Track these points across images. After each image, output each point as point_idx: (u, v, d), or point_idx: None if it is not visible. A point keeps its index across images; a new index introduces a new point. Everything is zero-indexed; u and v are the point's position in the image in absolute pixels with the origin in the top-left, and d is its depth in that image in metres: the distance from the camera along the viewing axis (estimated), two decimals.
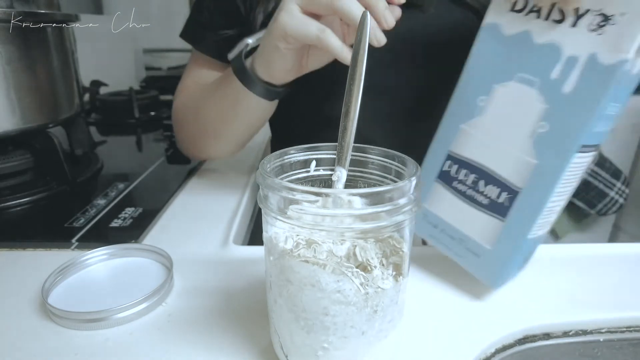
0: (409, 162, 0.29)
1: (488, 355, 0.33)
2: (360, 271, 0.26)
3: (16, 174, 0.60)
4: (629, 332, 0.36)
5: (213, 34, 0.57)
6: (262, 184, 0.27)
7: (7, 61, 0.54)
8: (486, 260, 0.35)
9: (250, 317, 0.35)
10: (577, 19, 0.30)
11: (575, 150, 0.31)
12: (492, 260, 0.35)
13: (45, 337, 0.33)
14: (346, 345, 0.27)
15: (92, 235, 0.48)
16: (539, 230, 0.34)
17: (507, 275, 0.37)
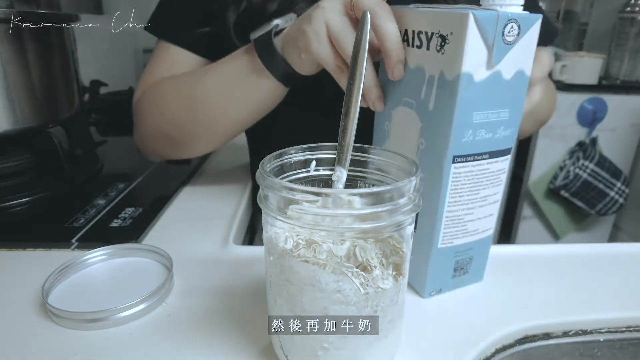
0: (409, 162, 0.29)
1: (488, 355, 0.33)
2: (360, 271, 0.26)
3: (16, 174, 0.60)
4: (629, 332, 0.36)
5: (187, 28, 0.56)
6: (262, 184, 0.27)
7: (7, 61, 0.54)
8: (414, 270, 0.36)
9: (250, 316, 0.35)
10: (428, 42, 0.33)
11: (449, 161, 0.33)
12: (417, 270, 0.38)
13: (45, 337, 0.33)
14: (346, 345, 0.27)
15: (92, 235, 0.48)
16: (453, 239, 0.36)
17: (435, 283, 0.38)
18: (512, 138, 0.35)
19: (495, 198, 0.36)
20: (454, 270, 0.38)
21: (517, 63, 0.32)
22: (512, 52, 0.31)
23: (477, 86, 0.31)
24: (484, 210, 0.36)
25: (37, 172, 0.62)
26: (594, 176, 1.53)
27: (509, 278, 0.41)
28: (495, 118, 0.33)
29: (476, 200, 0.36)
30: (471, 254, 0.38)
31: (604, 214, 1.61)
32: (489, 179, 0.35)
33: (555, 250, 0.46)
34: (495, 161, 0.35)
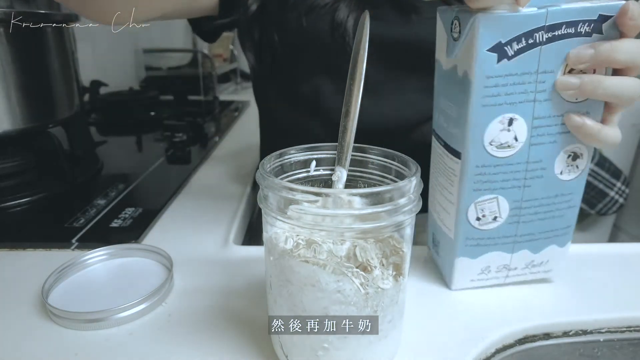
0: (409, 162, 0.29)
1: (488, 355, 0.33)
2: (360, 271, 0.26)
3: (16, 174, 0.60)
4: (629, 332, 0.36)
5: None
6: (262, 184, 0.27)
7: (7, 61, 0.54)
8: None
9: (251, 316, 0.35)
10: None
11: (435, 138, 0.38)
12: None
13: (45, 337, 0.33)
14: (346, 345, 0.27)
15: (92, 236, 0.48)
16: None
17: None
18: (460, 142, 0.33)
19: (453, 198, 0.36)
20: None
21: (463, 63, 0.32)
22: (460, 50, 0.32)
23: (443, 74, 0.35)
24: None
25: (37, 172, 0.62)
26: (594, 176, 1.53)
27: None
28: (449, 111, 0.35)
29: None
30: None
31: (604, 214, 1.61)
32: (444, 171, 0.36)
33: None
34: (448, 156, 0.35)
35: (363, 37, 0.30)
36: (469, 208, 0.35)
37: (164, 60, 1.48)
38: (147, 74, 1.42)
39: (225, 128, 0.98)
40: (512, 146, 0.33)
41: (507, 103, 0.32)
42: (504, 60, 0.30)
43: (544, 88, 0.31)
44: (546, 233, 0.37)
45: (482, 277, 0.38)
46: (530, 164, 0.34)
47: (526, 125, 0.32)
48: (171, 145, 0.79)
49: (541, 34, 0.30)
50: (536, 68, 0.31)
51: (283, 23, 0.52)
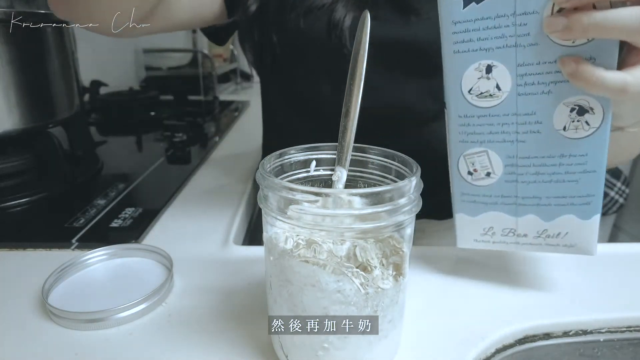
0: (410, 162, 0.29)
1: (488, 355, 0.33)
2: (360, 271, 0.26)
3: (16, 174, 0.60)
4: (629, 332, 0.36)
5: None
6: (262, 184, 0.27)
7: (7, 61, 0.54)
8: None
9: (250, 317, 0.35)
10: None
11: None
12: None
13: (45, 337, 0.33)
14: (346, 345, 0.27)
15: (92, 236, 0.48)
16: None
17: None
18: (444, 91, 0.33)
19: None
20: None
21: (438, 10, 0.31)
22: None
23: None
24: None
25: (37, 172, 0.62)
26: None
27: (509, 278, 0.41)
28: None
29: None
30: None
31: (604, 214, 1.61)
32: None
33: None
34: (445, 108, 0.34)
35: (363, 37, 0.30)
36: (459, 161, 0.34)
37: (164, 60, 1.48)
38: (147, 74, 1.42)
39: (225, 128, 0.98)
40: (494, 95, 0.31)
41: (482, 49, 0.30)
42: (471, 3, 0.28)
43: (526, 31, 0.28)
44: (557, 199, 0.33)
45: (487, 238, 0.36)
46: (521, 117, 0.31)
47: (509, 72, 0.30)
48: (171, 145, 0.79)
49: None
50: (513, 10, 0.28)
51: (282, 24, 0.52)
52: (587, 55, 0.28)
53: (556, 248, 0.36)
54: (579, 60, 0.27)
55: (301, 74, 0.55)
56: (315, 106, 0.55)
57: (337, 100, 0.54)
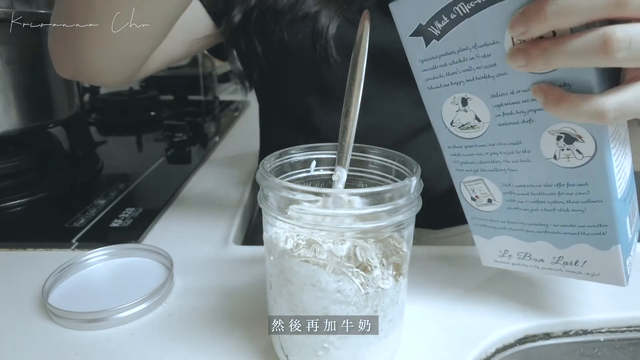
0: (410, 162, 0.29)
1: (488, 354, 0.33)
2: (360, 271, 0.26)
3: (16, 174, 0.60)
4: (630, 332, 0.36)
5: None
6: (262, 184, 0.27)
7: (7, 61, 0.54)
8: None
9: (250, 317, 0.35)
10: None
11: None
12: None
13: (45, 337, 0.33)
14: (346, 345, 0.27)
15: (93, 235, 0.48)
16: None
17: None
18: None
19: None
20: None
21: None
22: None
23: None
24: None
25: (38, 172, 0.63)
26: None
27: (509, 278, 0.41)
28: None
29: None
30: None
31: None
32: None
33: None
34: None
35: (363, 37, 0.30)
36: (460, 187, 0.34)
37: None
38: None
39: (225, 128, 0.98)
40: (476, 127, 0.30)
41: (452, 83, 0.29)
42: (432, 41, 0.28)
43: (491, 62, 0.27)
44: (565, 228, 0.31)
45: (505, 259, 0.36)
46: (507, 146, 0.30)
47: (484, 103, 0.29)
48: (171, 145, 0.79)
49: (461, 5, 0.26)
50: (473, 42, 0.27)
51: (266, 36, 0.51)
52: (560, 82, 0.25)
53: (579, 275, 0.33)
54: (548, 90, 0.25)
55: (288, 85, 0.55)
56: (304, 117, 0.54)
57: (325, 112, 0.53)
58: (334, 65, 0.49)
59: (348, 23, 0.48)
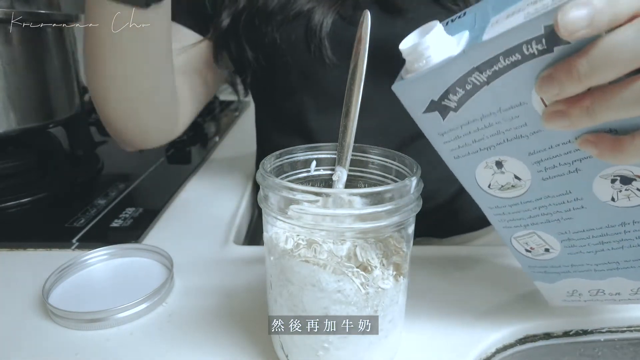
0: (410, 162, 0.29)
1: (489, 354, 0.33)
2: (360, 271, 0.26)
3: (17, 174, 0.60)
4: (630, 332, 0.36)
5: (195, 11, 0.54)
6: (262, 184, 0.27)
7: (7, 61, 0.54)
8: None
9: (250, 317, 0.35)
10: None
11: None
12: None
13: (45, 337, 0.33)
14: (347, 345, 0.27)
15: (93, 235, 0.48)
16: None
17: None
18: None
19: None
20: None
21: None
22: None
23: None
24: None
25: (38, 172, 0.63)
26: None
27: (509, 278, 0.41)
28: None
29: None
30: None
31: None
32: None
33: None
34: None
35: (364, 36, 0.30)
36: (512, 243, 0.32)
37: None
38: None
39: (225, 128, 0.98)
40: (517, 186, 0.28)
41: (482, 149, 0.27)
42: (449, 113, 0.26)
43: (521, 123, 0.25)
44: (639, 262, 0.29)
45: (575, 298, 0.34)
46: (556, 198, 0.28)
47: (522, 162, 0.27)
48: (171, 145, 0.79)
49: (476, 76, 0.24)
50: (497, 107, 0.25)
51: (257, 38, 0.51)
52: (606, 128, 0.23)
53: None
54: (598, 140, 0.23)
55: (281, 87, 0.54)
56: (299, 119, 0.54)
57: (321, 113, 0.53)
58: (329, 65, 0.48)
59: (342, 20, 0.47)
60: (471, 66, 0.24)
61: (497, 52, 0.23)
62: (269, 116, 0.60)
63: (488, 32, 0.23)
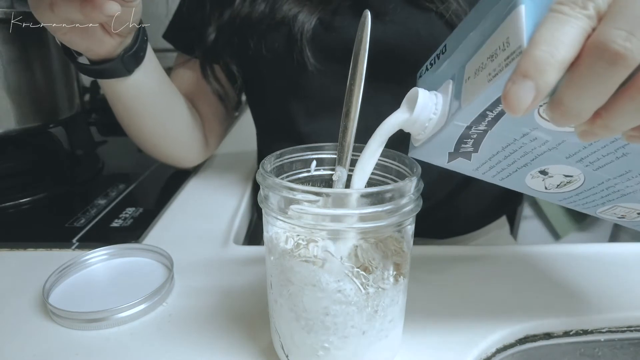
0: (410, 162, 0.29)
1: (489, 354, 0.33)
2: (360, 271, 0.26)
3: (17, 174, 0.60)
4: (630, 332, 0.36)
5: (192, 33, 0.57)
6: (262, 184, 0.27)
7: (8, 61, 0.54)
8: None
9: (251, 316, 0.35)
10: None
11: None
12: None
13: (46, 337, 0.33)
14: (347, 345, 0.27)
15: (93, 235, 0.48)
16: None
17: None
18: None
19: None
20: None
21: None
22: None
23: None
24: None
25: (38, 172, 0.63)
26: None
27: (509, 277, 0.41)
28: None
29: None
30: None
31: None
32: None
33: (555, 250, 0.46)
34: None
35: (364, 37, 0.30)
36: (600, 216, 0.32)
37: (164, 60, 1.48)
38: None
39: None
40: (572, 181, 0.28)
41: (519, 168, 0.27)
42: (472, 155, 0.27)
43: (543, 140, 0.25)
44: None
45: None
46: (617, 178, 0.27)
47: (564, 165, 0.27)
48: None
49: (474, 129, 0.25)
50: (512, 139, 0.25)
51: (242, 48, 0.51)
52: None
53: None
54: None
55: (269, 95, 0.55)
56: (289, 125, 0.54)
57: (309, 119, 0.53)
58: (313, 71, 0.49)
59: (322, 26, 0.48)
60: (465, 126, 0.25)
61: (481, 110, 0.23)
62: (263, 123, 0.61)
63: (464, 92, 0.24)
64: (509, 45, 0.20)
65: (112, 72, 0.47)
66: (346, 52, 0.45)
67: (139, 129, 0.56)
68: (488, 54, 0.22)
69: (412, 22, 0.47)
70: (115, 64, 0.45)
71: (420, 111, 0.26)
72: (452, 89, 0.25)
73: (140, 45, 0.46)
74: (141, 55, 0.47)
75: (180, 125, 0.58)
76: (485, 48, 0.22)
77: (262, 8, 0.49)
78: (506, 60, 0.20)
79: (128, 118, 0.55)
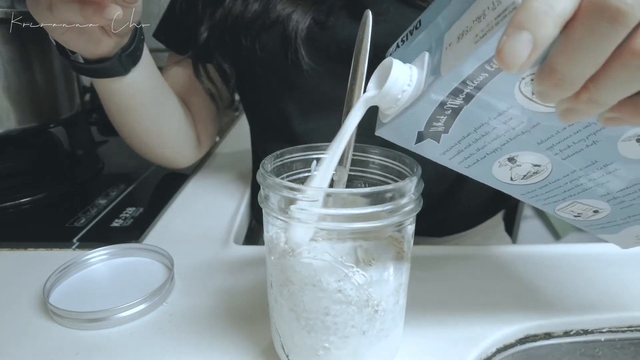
0: (410, 162, 0.29)
1: (489, 354, 0.33)
2: (361, 271, 0.26)
3: (17, 174, 0.60)
4: (630, 332, 0.36)
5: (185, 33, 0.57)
6: (262, 184, 0.27)
7: (8, 61, 0.54)
8: None
9: (251, 316, 0.35)
10: None
11: None
12: None
13: (46, 336, 0.33)
14: (347, 345, 0.27)
15: (93, 235, 0.48)
16: None
17: None
18: None
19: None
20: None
21: None
22: None
23: None
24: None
25: (38, 172, 0.63)
26: None
27: (509, 278, 0.41)
28: None
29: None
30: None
31: None
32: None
33: (555, 250, 0.46)
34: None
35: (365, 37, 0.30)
36: (557, 214, 0.32)
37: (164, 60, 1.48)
38: None
39: (225, 128, 0.98)
40: (539, 171, 0.28)
41: (488, 154, 0.27)
42: (442, 136, 0.26)
43: (518, 122, 0.24)
44: None
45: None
46: (584, 170, 0.27)
47: (534, 152, 0.26)
48: None
49: (450, 103, 0.23)
50: (486, 118, 0.24)
51: (235, 48, 0.51)
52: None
53: None
54: (620, 113, 0.21)
55: (263, 95, 0.55)
56: (284, 126, 0.54)
57: (305, 119, 0.53)
58: (308, 71, 0.49)
59: (317, 26, 0.48)
60: (440, 100, 0.23)
61: (462, 78, 0.22)
62: (257, 123, 0.61)
63: (445, 60, 0.22)
64: (500, 3, 0.19)
65: (108, 71, 0.46)
66: (340, 52, 0.44)
67: (132, 129, 0.56)
68: (474, 17, 0.21)
69: (405, 22, 0.47)
70: (112, 63, 0.45)
71: (394, 82, 0.24)
72: (429, 60, 0.24)
73: (137, 44, 0.46)
74: (138, 54, 0.47)
75: (174, 124, 0.58)
76: (469, 12, 0.21)
77: (256, 7, 0.49)
78: (497, 19, 0.19)
79: (121, 117, 0.54)
